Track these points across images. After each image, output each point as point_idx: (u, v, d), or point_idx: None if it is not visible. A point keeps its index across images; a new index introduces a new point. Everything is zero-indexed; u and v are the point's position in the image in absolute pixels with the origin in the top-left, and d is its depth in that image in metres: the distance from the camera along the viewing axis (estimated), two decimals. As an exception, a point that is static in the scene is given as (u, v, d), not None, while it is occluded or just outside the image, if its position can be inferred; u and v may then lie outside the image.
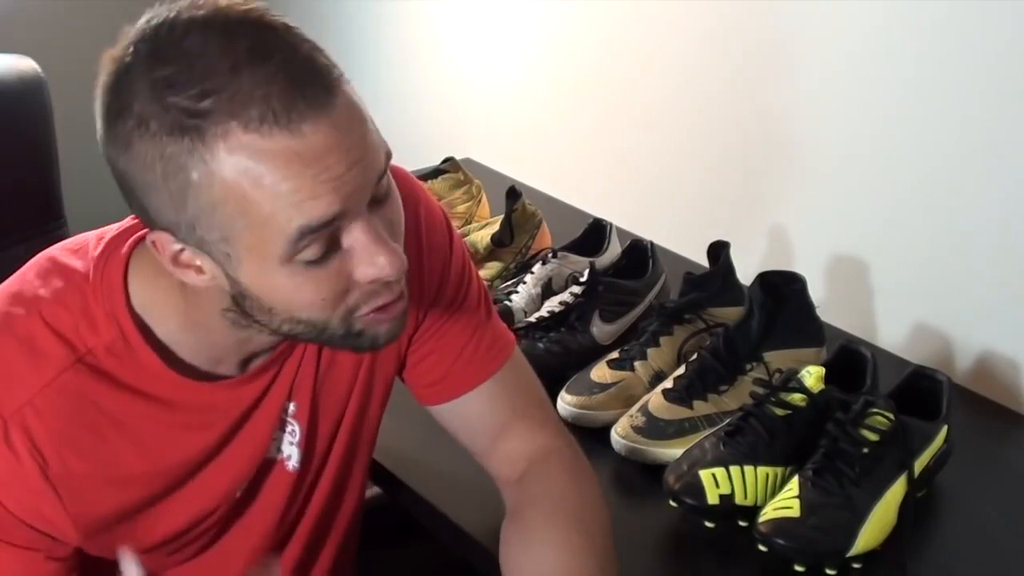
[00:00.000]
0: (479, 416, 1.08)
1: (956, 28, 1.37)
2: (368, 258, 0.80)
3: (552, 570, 0.95)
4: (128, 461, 0.90)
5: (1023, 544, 1.15)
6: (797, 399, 1.16)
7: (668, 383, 1.28)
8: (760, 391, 1.18)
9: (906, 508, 1.11)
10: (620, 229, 1.63)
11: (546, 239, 1.66)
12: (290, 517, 1.05)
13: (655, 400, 1.26)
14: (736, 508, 1.12)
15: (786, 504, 1.08)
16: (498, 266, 1.61)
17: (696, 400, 1.24)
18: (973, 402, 1.38)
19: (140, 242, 0.91)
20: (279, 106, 0.73)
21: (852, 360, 1.23)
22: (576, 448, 1.09)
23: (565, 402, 1.29)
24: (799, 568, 1.07)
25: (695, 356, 1.29)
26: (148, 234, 0.82)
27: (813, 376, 1.16)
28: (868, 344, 1.33)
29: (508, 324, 1.26)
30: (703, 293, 1.37)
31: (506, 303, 1.47)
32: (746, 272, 1.39)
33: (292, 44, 0.76)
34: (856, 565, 1.08)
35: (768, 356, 1.27)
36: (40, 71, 1.49)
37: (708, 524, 1.13)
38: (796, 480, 1.10)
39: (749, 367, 1.26)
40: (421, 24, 2.19)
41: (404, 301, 0.87)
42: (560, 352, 1.38)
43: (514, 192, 1.64)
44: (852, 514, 1.08)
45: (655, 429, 1.22)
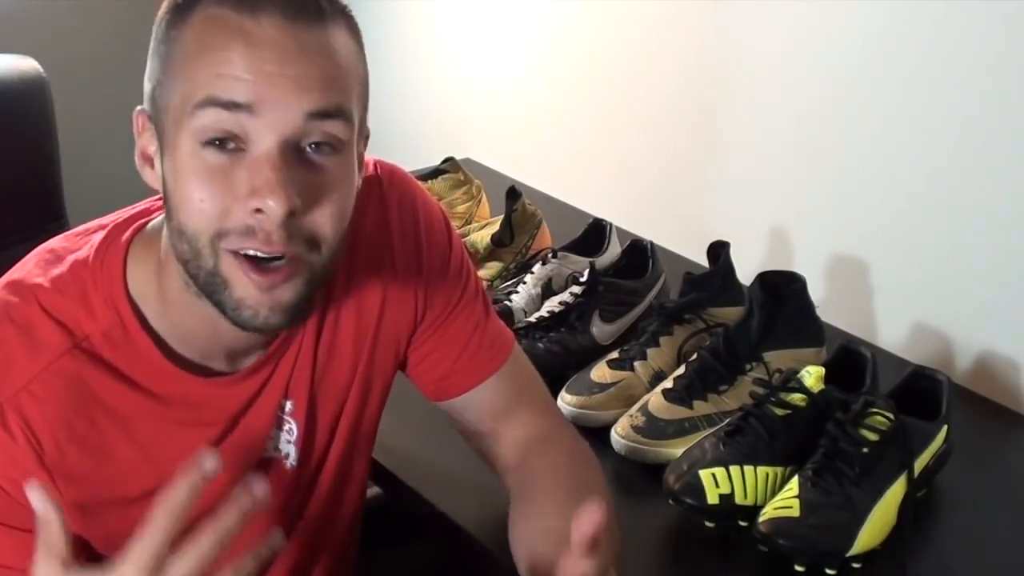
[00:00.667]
0: (483, 408, 1.08)
1: (956, 29, 1.37)
2: (257, 181, 0.80)
3: (549, 532, 0.94)
4: (122, 453, 0.90)
5: (1023, 544, 1.16)
6: (797, 399, 1.16)
7: (668, 383, 1.28)
8: (760, 391, 1.18)
9: (906, 508, 1.12)
10: (620, 229, 1.63)
11: (546, 239, 1.67)
12: (289, 516, 1.05)
13: (655, 400, 1.26)
14: (736, 508, 1.12)
15: (786, 504, 1.08)
16: (498, 266, 1.61)
17: (696, 400, 1.24)
18: (973, 402, 1.38)
19: (141, 229, 0.92)
20: None
21: (852, 360, 1.24)
22: (576, 434, 1.10)
23: (565, 402, 1.29)
24: (799, 568, 1.07)
25: (695, 356, 1.29)
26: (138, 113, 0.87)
27: (813, 376, 1.16)
28: (868, 344, 1.33)
29: (508, 324, 1.26)
30: (703, 293, 1.37)
31: (506, 303, 1.47)
32: (746, 272, 1.39)
33: None
34: (856, 565, 1.08)
35: (768, 356, 1.27)
36: (41, 71, 1.49)
37: (708, 524, 1.13)
38: (796, 480, 1.10)
39: (749, 367, 1.26)
40: (421, 24, 2.19)
41: (290, 282, 0.84)
42: (560, 352, 1.38)
43: (514, 192, 1.65)
44: (852, 514, 1.08)
45: (655, 429, 1.22)
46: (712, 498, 1.11)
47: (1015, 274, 1.37)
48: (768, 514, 1.08)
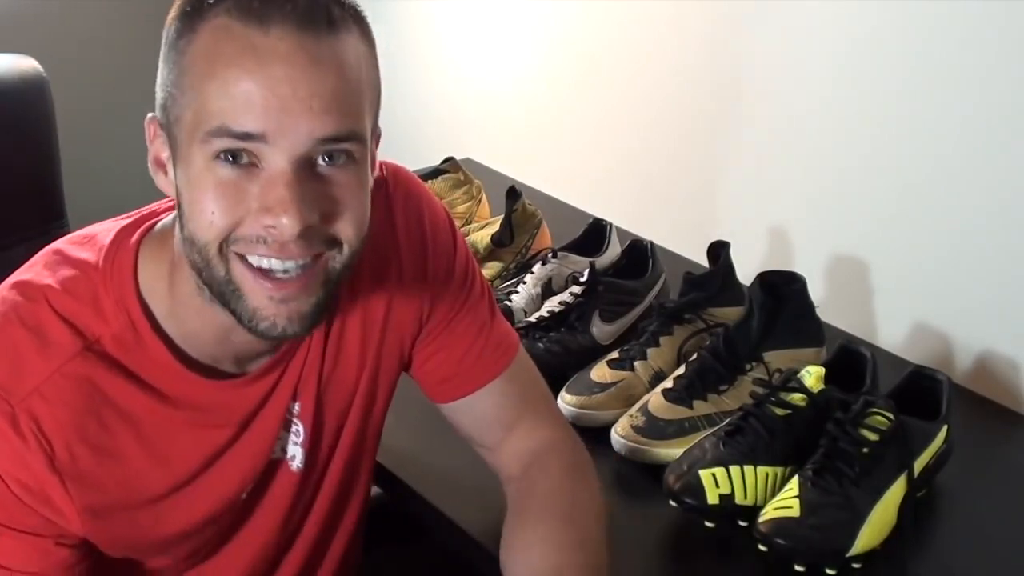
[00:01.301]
0: (488, 413, 1.08)
1: (956, 30, 1.37)
2: (269, 199, 0.79)
3: (540, 566, 0.96)
4: (133, 456, 0.90)
5: (1022, 544, 1.16)
6: (797, 399, 1.16)
7: (668, 383, 1.28)
8: (760, 391, 1.18)
9: (906, 508, 1.12)
10: (620, 229, 1.63)
11: (546, 239, 1.67)
12: (295, 518, 1.05)
13: (655, 400, 1.26)
14: (736, 508, 1.12)
15: (786, 504, 1.08)
16: (498, 266, 1.61)
17: (696, 400, 1.24)
18: (973, 402, 1.38)
19: (150, 231, 0.92)
20: (268, 3, 0.78)
21: (852, 360, 1.24)
22: (576, 442, 1.10)
23: (565, 402, 1.29)
24: (799, 568, 1.07)
25: (695, 356, 1.29)
26: (149, 120, 0.87)
27: (813, 376, 1.16)
28: (868, 344, 1.33)
29: (508, 324, 1.27)
30: (703, 293, 1.37)
31: (506, 303, 1.47)
32: (746, 272, 1.40)
33: None
34: (856, 565, 1.08)
35: (768, 356, 1.27)
36: (42, 71, 1.48)
37: (708, 524, 1.13)
38: (796, 480, 1.10)
39: (749, 367, 1.26)
40: (421, 24, 2.19)
41: (305, 293, 0.84)
42: (560, 352, 1.38)
43: (514, 192, 1.65)
44: (852, 514, 1.08)
45: (655, 429, 1.22)
46: (712, 498, 1.11)
47: (1015, 274, 1.37)
48: (768, 514, 1.08)
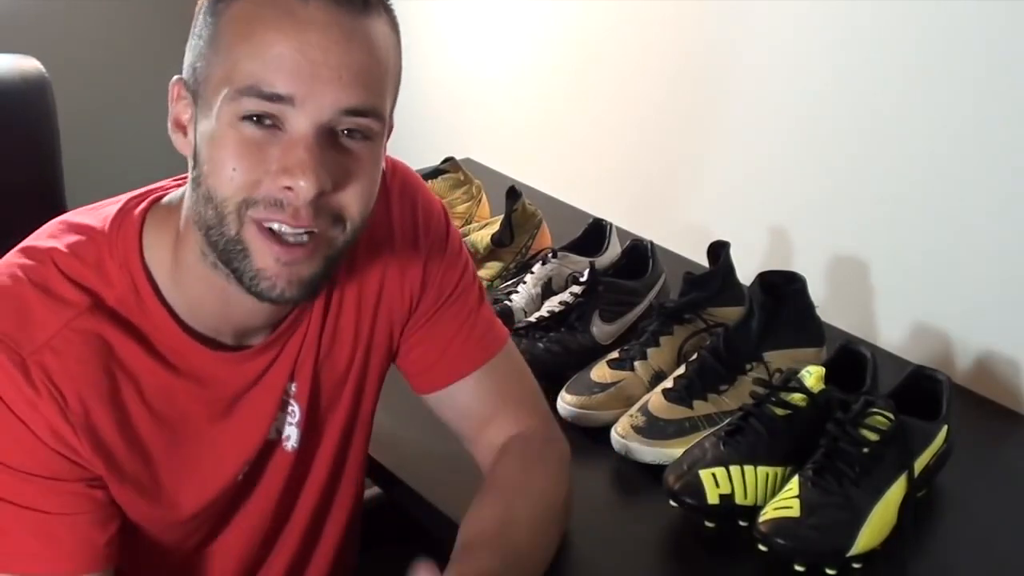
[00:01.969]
0: (468, 405, 1.09)
1: (955, 29, 1.37)
2: (290, 161, 0.83)
3: (461, 536, 0.98)
4: (136, 411, 0.91)
5: (1022, 544, 1.16)
6: (797, 399, 1.16)
7: (668, 383, 1.28)
8: (760, 391, 1.18)
9: (906, 508, 1.12)
10: (620, 229, 1.63)
11: (546, 239, 1.67)
12: (288, 500, 1.06)
13: (655, 400, 1.26)
14: (736, 508, 1.12)
15: (786, 504, 1.08)
16: (498, 266, 1.61)
17: (696, 400, 1.24)
18: (973, 402, 1.38)
19: (156, 201, 0.94)
20: None
21: (852, 360, 1.24)
22: (551, 436, 1.11)
23: (565, 402, 1.29)
24: (799, 568, 1.07)
25: (695, 356, 1.29)
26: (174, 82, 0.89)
27: (813, 376, 1.16)
28: (868, 344, 1.33)
29: (508, 324, 1.27)
30: (703, 293, 1.37)
31: (506, 303, 1.47)
32: (746, 272, 1.40)
33: None
34: (856, 565, 1.08)
35: (768, 356, 1.27)
36: (43, 70, 1.49)
37: (708, 524, 1.13)
38: (796, 480, 1.10)
39: (749, 367, 1.26)
40: (421, 24, 2.19)
41: (309, 260, 0.87)
42: (560, 352, 1.38)
43: (514, 192, 1.65)
44: (852, 514, 1.08)
45: (655, 429, 1.23)
46: (712, 498, 1.11)
47: (1015, 274, 1.37)
48: (768, 514, 1.08)
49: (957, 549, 1.14)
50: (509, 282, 1.56)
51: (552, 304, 1.44)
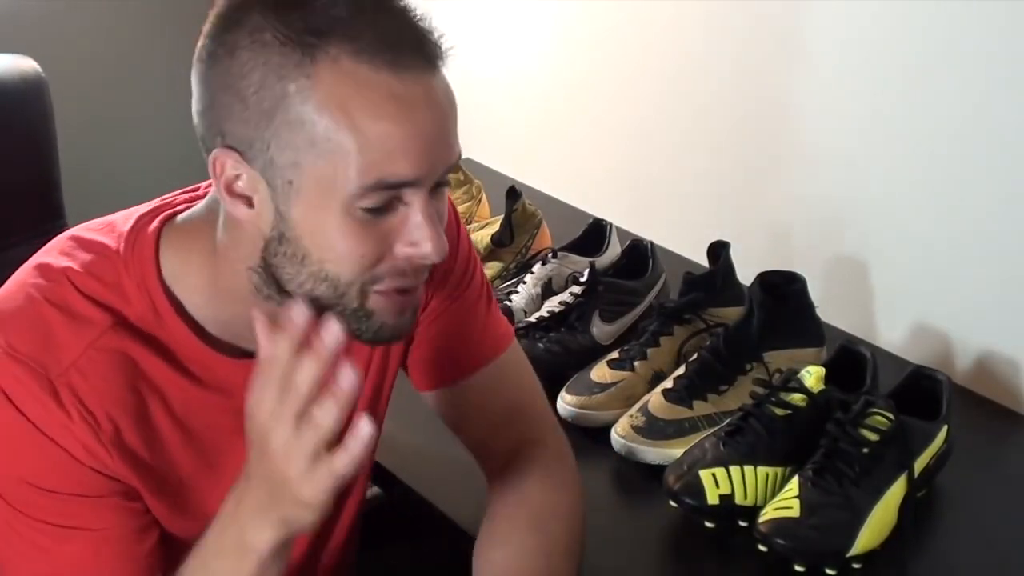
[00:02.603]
0: (472, 407, 1.09)
1: (958, 28, 1.37)
2: (417, 235, 0.83)
3: (501, 567, 0.97)
4: (165, 428, 0.91)
5: (1023, 544, 1.16)
6: (797, 399, 1.16)
7: (668, 383, 1.28)
8: (760, 391, 1.18)
9: (906, 508, 1.12)
10: (620, 229, 1.63)
11: (546, 239, 1.66)
12: None
13: (655, 400, 1.26)
14: (736, 508, 1.12)
15: (786, 504, 1.08)
16: (498, 266, 1.61)
17: (696, 400, 1.24)
18: (973, 402, 1.38)
19: (170, 219, 0.92)
20: (392, 43, 0.79)
21: (852, 360, 1.23)
22: (560, 448, 1.10)
23: (565, 402, 1.29)
24: (799, 568, 1.07)
25: (695, 356, 1.29)
26: (212, 153, 0.83)
27: (813, 376, 1.16)
28: (868, 344, 1.33)
29: (508, 324, 1.26)
30: (703, 293, 1.37)
31: (506, 303, 1.47)
32: (746, 272, 1.39)
33: (412, 9, 0.83)
34: (856, 565, 1.08)
35: (768, 356, 1.27)
36: (41, 71, 1.48)
37: (708, 524, 1.13)
38: (796, 480, 1.10)
39: (749, 367, 1.26)
40: (421, 24, 2.19)
41: (418, 298, 0.89)
42: (560, 352, 1.38)
43: (514, 192, 1.65)
44: (852, 514, 1.08)
45: (655, 429, 1.22)
46: (712, 498, 1.11)
47: (1015, 274, 1.37)
48: (768, 514, 1.08)
49: (957, 549, 1.14)
50: (509, 282, 1.56)
51: (552, 304, 1.44)
